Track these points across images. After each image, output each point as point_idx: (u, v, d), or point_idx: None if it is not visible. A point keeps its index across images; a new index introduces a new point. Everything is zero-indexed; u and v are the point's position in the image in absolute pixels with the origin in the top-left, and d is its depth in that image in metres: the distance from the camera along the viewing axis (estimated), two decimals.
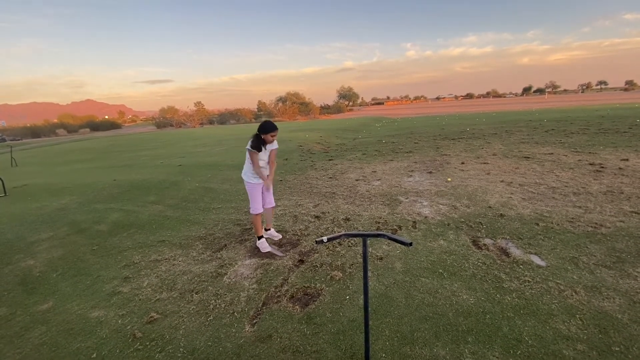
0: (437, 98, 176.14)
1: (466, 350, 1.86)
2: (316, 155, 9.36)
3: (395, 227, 3.70)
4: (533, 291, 2.36)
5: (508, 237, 3.27)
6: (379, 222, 3.85)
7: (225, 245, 3.52)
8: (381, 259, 2.97)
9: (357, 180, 6.01)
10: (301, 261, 3.07)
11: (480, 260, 2.84)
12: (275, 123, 3.25)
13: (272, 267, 2.99)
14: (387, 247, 3.16)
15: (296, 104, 52.24)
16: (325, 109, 61.92)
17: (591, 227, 3.35)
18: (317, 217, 4.17)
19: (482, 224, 3.61)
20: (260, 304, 2.45)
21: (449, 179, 5.59)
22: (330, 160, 8.42)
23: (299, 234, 3.70)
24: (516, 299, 2.28)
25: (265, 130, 3.15)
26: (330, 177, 6.36)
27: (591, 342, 1.86)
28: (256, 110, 56.70)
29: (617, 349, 1.80)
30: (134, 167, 8.67)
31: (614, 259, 2.71)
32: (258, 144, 3.15)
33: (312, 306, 2.37)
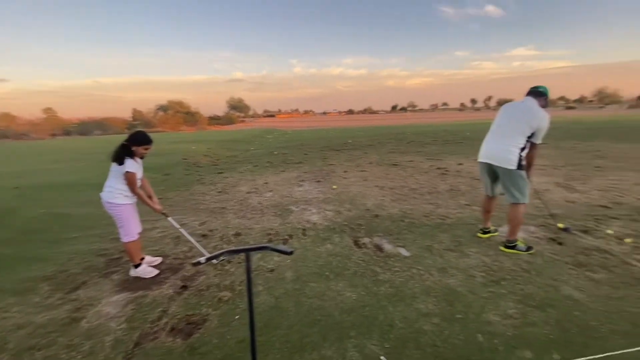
0: (324, 113, 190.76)
1: (349, 345, 2.00)
2: (204, 168, 8.76)
3: (286, 236, 3.75)
4: (401, 279, 2.74)
5: (382, 234, 3.73)
6: (270, 234, 3.84)
7: (84, 283, 2.89)
8: (272, 270, 2.95)
9: (248, 192, 5.89)
10: (184, 287, 2.77)
11: (360, 258, 3.14)
12: (156, 134, 2.93)
13: (147, 300, 2.60)
14: (278, 258, 3.17)
15: (180, 114, 48.11)
16: (215, 120, 59.11)
17: (440, 219, 4.14)
18: (203, 235, 3.87)
19: (361, 225, 4.01)
20: (132, 346, 2.08)
21: (334, 187, 6.05)
22: (219, 173, 8.01)
23: (181, 257, 3.35)
24: (389, 289, 2.61)
25: (138, 142, 2.82)
26: (220, 191, 6.04)
27: (442, 314, 2.26)
28: (131, 119, 49.60)
29: (459, 316, 2.24)
30: None
31: (455, 243, 3.41)
32: (124, 155, 2.77)
33: (196, 335, 2.15)
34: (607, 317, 2.16)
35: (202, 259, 1.57)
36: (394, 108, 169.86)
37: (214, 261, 3.06)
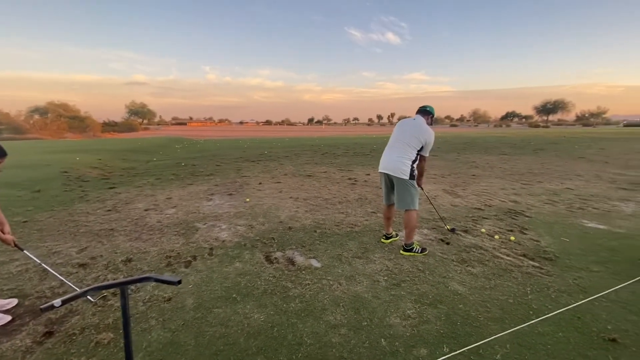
0: (241, 122, 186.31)
1: None
2: (90, 182, 7.45)
3: (189, 258, 3.38)
4: (311, 292, 2.71)
5: (294, 246, 3.68)
6: (170, 257, 3.41)
7: None
8: (169, 300, 2.60)
9: (146, 210, 5.19)
10: (49, 333, 2.22)
11: (271, 275, 3.01)
12: (27, 142, 2.33)
13: None
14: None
15: (64, 118, 40.68)
16: (111, 126, 51.78)
17: (350, 227, 4.31)
18: (82, 265, 3.20)
19: (274, 239, 3.89)
20: None
21: (248, 200, 5.80)
22: (111, 188, 6.91)
23: (48, 294, 2.69)
24: (299, 304, 2.54)
25: None
26: (109, 210, 5.17)
27: (350, 324, 2.29)
28: None
29: (365, 323, 2.30)
30: None
31: (362, 250, 3.57)
32: None
33: None
34: (483, 306, 2.50)
35: (57, 302, 1.23)
36: (310, 121, 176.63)
37: (89, 298, 2.54)
